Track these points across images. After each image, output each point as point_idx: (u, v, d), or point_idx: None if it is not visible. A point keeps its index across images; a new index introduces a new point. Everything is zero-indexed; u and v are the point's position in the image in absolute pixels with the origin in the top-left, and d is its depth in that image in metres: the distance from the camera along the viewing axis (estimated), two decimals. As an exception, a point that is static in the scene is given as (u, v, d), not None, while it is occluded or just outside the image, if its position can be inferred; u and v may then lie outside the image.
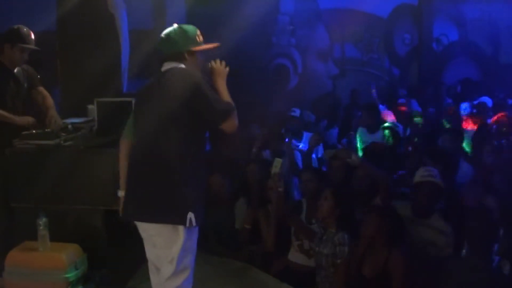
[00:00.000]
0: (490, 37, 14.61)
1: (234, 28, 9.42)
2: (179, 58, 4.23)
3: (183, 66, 4.21)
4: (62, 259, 4.94)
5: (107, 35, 6.95)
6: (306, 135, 8.29)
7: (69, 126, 5.78)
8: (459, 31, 14.58)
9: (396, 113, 10.06)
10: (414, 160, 6.89)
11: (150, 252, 4.21)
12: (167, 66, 4.22)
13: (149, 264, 4.25)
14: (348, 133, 9.06)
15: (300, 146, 8.13)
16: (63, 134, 5.55)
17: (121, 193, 4.34)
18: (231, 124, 4.14)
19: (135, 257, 5.51)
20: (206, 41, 4.36)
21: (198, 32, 4.32)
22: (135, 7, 7.66)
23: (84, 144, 5.39)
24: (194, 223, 3.96)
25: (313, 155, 7.56)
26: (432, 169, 5.74)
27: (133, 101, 5.42)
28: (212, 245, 6.32)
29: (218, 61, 4.38)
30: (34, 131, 5.58)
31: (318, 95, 12.88)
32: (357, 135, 8.68)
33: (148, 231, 4.10)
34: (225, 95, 4.25)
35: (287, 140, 7.55)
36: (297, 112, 9.13)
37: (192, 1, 9.59)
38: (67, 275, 4.93)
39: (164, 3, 9.25)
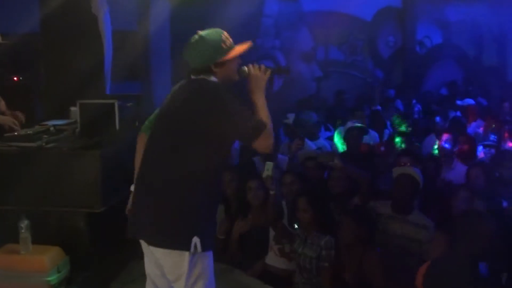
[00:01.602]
0: (473, 39, 14.71)
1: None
2: (207, 71, 3.76)
3: (213, 79, 3.77)
4: (44, 262, 4.91)
5: (90, 37, 6.91)
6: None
7: (52, 128, 5.75)
8: (442, 33, 14.67)
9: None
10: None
11: (150, 269, 3.88)
12: (195, 77, 3.80)
13: (148, 279, 3.93)
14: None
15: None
16: (46, 136, 5.51)
17: (133, 187, 4.06)
18: (262, 144, 3.65)
19: (118, 259, 5.51)
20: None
21: (224, 35, 3.81)
22: (119, 8, 7.63)
23: (66, 146, 5.35)
24: (199, 249, 3.58)
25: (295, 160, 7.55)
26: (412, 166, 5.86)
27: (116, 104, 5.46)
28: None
29: (255, 66, 3.92)
30: (16, 133, 5.55)
31: (302, 97, 12.91)
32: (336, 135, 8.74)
33: (153, 252, 3.74)
34: (261, 109, 3.79)
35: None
36: (290, 119, 9.17)
37: (176, 3, 9.56)
38: (49, 278, 4.89)
39: (148, 4, 9.23)
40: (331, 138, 9.06)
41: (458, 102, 11.03)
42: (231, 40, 3.82)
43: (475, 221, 4.51)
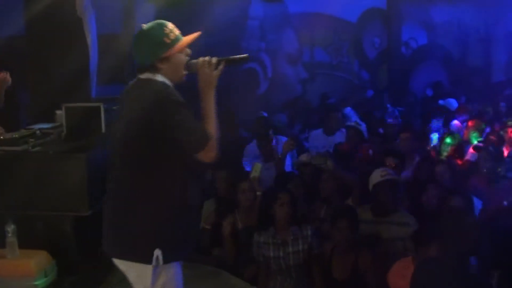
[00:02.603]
0: (458, 40, 14.77)
1: (203, 32, 9.39)
2: (152, 69, 3.50)
3: (159, 77, 3.50)
4: (31, 266, 4.89)
5: (75, 40, 6.90)
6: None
7: (37, 132, 5.72)
8: (427, 34, 14.72)
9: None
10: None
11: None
12: (141, 76, 3.55)
13: None
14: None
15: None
16: (31, 140, 5.48)
17: None
18: (205, 157, 3.40)
19: (105, 263, 5.47)
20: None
21: (169, 27, 3.52)
22: (104, 11, 7.61)
23: (52, 149, 5.33)
24: (161, 262, 3.41)
25: (288, 161, 7.55)
26: (387, 169, 5.93)
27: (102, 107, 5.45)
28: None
29: (206, 58, 3.54)
30: (1, 137, 5.52)
31: (288, 99, 12.92)
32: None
33: (118, 264, 3.60)
34: (209, 114, 3.47)
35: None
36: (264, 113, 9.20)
37: (161, 5, 9.55)
38: (36, 283, 4.88)
39: (133, 6, 9.22)
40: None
41: (441, 102, 11.08)
42: (177, 32, 3.55)
43: (459, 218, 4.54)
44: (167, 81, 3.51)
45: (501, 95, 12.44)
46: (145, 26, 3.56)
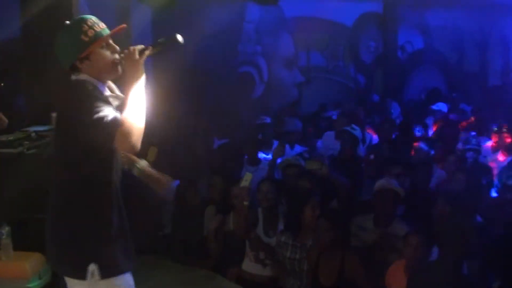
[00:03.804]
0: (454, 44, 14.82)
1: (199, 36, 9.40)
2: (73, 70, 3.30)
3: (82, 76, 3.28)
4: (25, 268, 4.89)
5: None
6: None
7: (33, 134, 5.72)
8: (423, 39, 14.77)
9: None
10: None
11: None
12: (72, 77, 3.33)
13: None
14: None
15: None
16: (27, 142, 5.49)
17: None
18: (121, 145, 3.08)
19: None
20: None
21: (88, 24, 3.24)
22: (100, 14, 7.59)
23: (47, 152, 5.33)
24: (97, 277, 3.19)
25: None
26: (391, 179, 5.91)
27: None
28: (178, 253, 6.35)
29: (131, 47, 3.25)
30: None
31: (284, 103, 12.92)
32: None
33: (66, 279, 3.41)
34: (128, 102, 3.14)
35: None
36: (267, 120, 9.17)
37: (157, 8, 9.56)
38: (30, 285, 4.89)
39: (129, 9, 9.22)
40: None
41: (432, 107, 11.13)
42: (98, 28, 3.27)
43: (456, 222, 4.57)
44: (93, 80, 3.28)
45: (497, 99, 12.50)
46: (64, 25, 3.33)
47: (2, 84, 6.08)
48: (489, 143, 8.65)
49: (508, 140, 8.46)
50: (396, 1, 13.47)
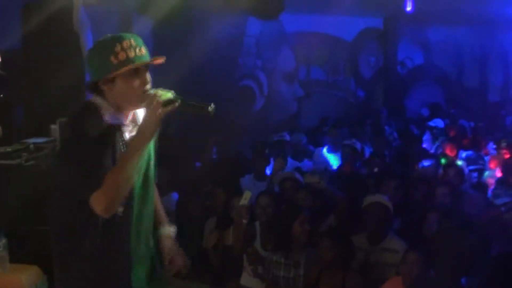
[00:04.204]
0: (454, 60, 14.85)
1: (200, 49, 9.41)
2: (94, 89, 3.08)
3: (97, 100, 3.07)
4: (21, 281, 4.85)
5: (72, 54, 6.89)
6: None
7: (31, 146, 5.70)
8: (423, 54, 14.80)
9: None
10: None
11: None
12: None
13: None
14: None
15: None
16: (25, 154, 5.46)
17: None
18: (95, 205, 2.90)
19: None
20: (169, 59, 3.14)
21: (123, 45, 2.99)
22: (101, 26, 7.61)
23: (46, 164, 5.31)
24: None
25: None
26: (382, 195, 5.95)
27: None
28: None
29: (159, 92, 2.99)
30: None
31: (284, 116, 12.94)
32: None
33: None
34: (125, 159, 2.93)
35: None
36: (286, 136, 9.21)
37: (158, 21, 9.55)
38: (26, 298, 4.84)
39: (130, 22, 9.21)
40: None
41: (429, 123, 11.17)
42: (133, 52, 3.02)
43: (453, 237, 4.55)
44: (109, 107, 3.07)
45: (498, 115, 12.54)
46: (100, 38, 3.12)
47: (1, 95, 6.06)
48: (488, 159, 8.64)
49: (507, 156, 8.45)
50: (396, 16, 13.48)
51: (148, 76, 3.09)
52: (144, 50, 3.07)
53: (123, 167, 2.92)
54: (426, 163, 7.86)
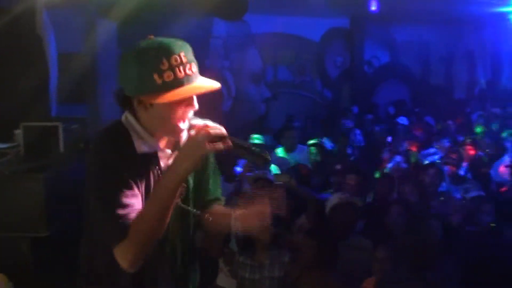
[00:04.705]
0: (420, 59, 14.98)
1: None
2: (126, 105, 2.56)
3: (130, 119, 2.57)
4: (-15, 290, 4.79)
5: (34, 58, 6.80)
6: None
7: (-6, 152, 5.62)
8: (390, 53, 14.90)
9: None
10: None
11: None
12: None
13: None
14: None
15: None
16: (-13, 160, 5.38)
17: None
18: (119, 257, 2.45)
19: (63, 285, 5.38)
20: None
21: (172, 62, 2.44)
22: (64, 29, 7.54)
23: (9, 169, 5.22)
24: None
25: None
26: (346, 193, 5.96)
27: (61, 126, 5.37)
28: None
29: (210, 124, 2.56)
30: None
31: (252, 117, 12.94)
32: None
33: None
34: (154, 203, 2.42)
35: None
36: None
37: (122, 23, 9.48)
38: (-10, 307, 4.78)
39: (94, 25, 9.13)
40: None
41: (395, 121, 11.27)
42: (183, 71, 2.47)
43: (416, 232, 4.58)
44: (141, 131, 2.57)
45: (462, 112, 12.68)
46: (143, 43, 2.51)
47: None
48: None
49: (472, 152, 8.55)
50: (362, 16, 13.55)
51: (195, 103, 2.58)
52: (195, 68, 2.57)
53: (150, 212, 2.43)
54: (390, 160, 7.92)
